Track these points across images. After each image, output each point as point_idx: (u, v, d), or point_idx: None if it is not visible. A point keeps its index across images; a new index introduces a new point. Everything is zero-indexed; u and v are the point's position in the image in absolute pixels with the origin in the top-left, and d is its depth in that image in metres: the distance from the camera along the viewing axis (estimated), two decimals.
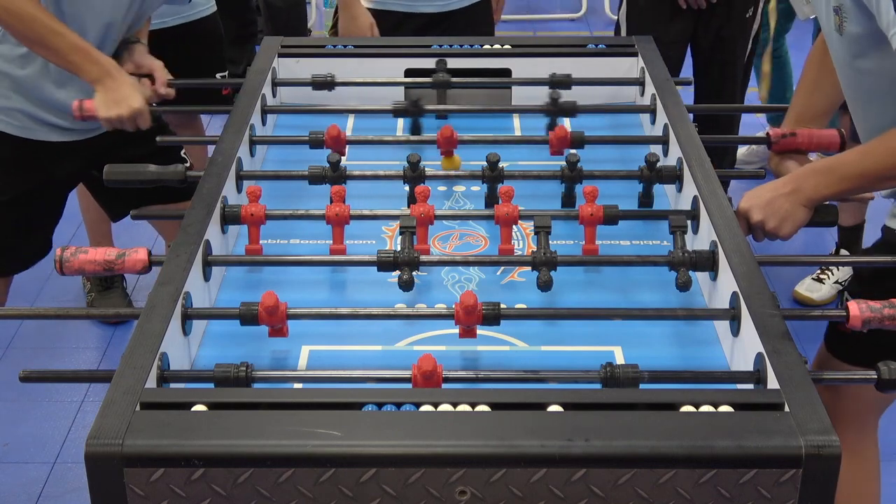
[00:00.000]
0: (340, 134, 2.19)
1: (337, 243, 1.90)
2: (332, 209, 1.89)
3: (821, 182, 1.86)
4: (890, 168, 1.81)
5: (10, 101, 2.42)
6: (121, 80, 2.32)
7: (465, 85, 2.54)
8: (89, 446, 1.31)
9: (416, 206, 1.88)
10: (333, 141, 2.19)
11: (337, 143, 2.19)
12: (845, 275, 3.69)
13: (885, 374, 1.51)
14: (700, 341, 1.74)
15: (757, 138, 2.27)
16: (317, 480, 1.31)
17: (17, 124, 2.44)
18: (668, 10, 3.45)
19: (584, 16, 6.47)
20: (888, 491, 2.27)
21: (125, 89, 2.32)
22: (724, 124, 3.51)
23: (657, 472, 1.31)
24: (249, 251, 1.91)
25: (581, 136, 2.19)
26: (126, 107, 2.31)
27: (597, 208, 1.88)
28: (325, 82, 2.48)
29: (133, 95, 2.32)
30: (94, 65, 2.30)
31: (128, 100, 2.31)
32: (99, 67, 2.30)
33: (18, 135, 2.45)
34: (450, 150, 2.19)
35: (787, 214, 1.86)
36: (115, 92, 2.31)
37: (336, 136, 2.18)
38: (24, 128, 2.45)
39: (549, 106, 2.37)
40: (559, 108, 2.37)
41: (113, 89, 2.31)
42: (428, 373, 1.49)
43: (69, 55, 2.28)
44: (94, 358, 3.38)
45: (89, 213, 3.48)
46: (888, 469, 2.26)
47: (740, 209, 1.88)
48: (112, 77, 2.31)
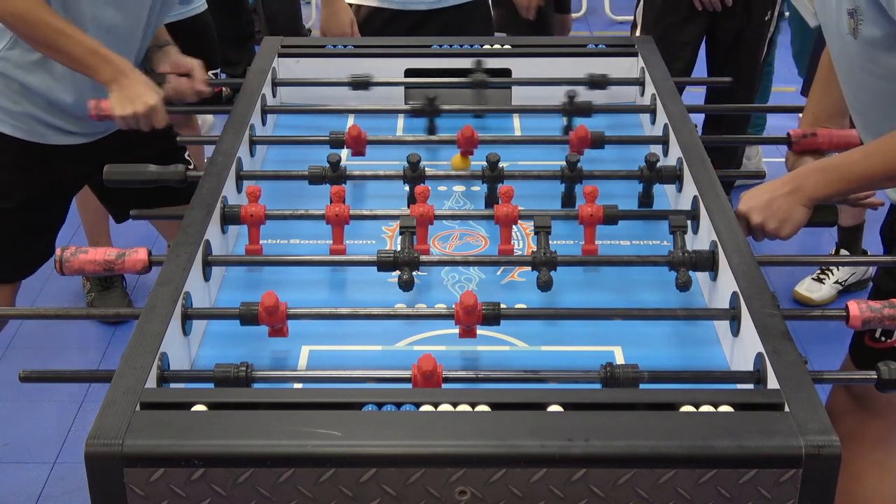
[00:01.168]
0: (361, 134, 2.19)
1: (337, 243, 1.90)
2: (332, 209, 1.89)
3: (821, 181, 1.84)
4: (893, 168, 1.80)
5: (20, 106, 2.42)
6: (135, 78, 2.33)
7: (500, 85, 2.53)
8: (89, 446, 1.31)
9: (415, 206, 1.88)
10: (354, 141, 2.19)
11: (357, 142, 2.19)
12: (845, 275, 3.69)
13: (885, 374, 1.51)
14: (700, 341, 1.74)
15: (776, 138, 2.26)
16: (317, 480, 1.31)
17: (27, 129, 2.44)
18: (684, 10, 3.45)
19: (584, 16, 6.47)
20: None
21: (139, 87, 2.32)
22: (733, 125, 3.51)
23: (657, 472, 1.31)
24: (249, 251, 1.91)
25: (601, 135, 2.19)
26: (141, 104, 2.31)
27: (596, 208, 1.88)
28: (362, 82, 2.48)
29: (148, 93, 2.32)
30: (107, 65, 2.30)
31: (143, 97, 2.32)
32: (113, 67, 2.30)
33: (28, 139, 2.45)
34: (469, 150, 2.19)
35: (786, 215, 1.85)
36: (129, 90, 2.32)
37: (357, 136, 2.18)
38: (34, 132, 2.45)
39: (565, 105, 2.37)
40: (575, 107, 2.37)
41: (127, 87, 2.32)
42: (428, 373, 1.49)
43: (83, 57, 2.29)
44: (94, 358, 3.38)
45: (88, 214, 3.49)
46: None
47: (739, 211, 1.87)
48: (126, 76, 2.32)
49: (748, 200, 1.87)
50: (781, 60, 4.68)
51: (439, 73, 2.58)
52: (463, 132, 2.17)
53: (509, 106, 2.56)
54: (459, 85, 2.53)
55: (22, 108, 2.42)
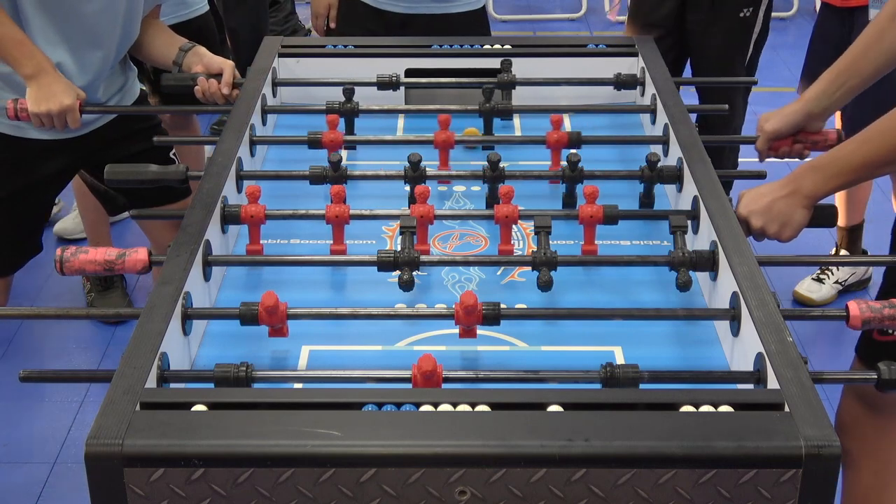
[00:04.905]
0: (337, 136, 2.19)
1: (337, 244, 1.91)
2: (333, 209, 1.89)
3: (818, 179, 1.83)
4: (889, 151, 1.77)
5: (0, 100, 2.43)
6: (55, 77, 2.33)
7: (527, 83, 2.52)
8: (89, 446, 1.31)
9: (416, 206, 1.88)
10: (331, 142, 2.19)
11: (334, 144, 2.19)
12: (845, 275, 3.69)
13: (885, 374, 1.51)
14: (700, 341, 1.74)
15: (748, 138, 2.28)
16: (317, 480, 1.31)
17: (9, 122, 2.44)
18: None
19: (584, 16, 6.48)
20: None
21: (58, 86, 2.32)
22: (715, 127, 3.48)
23: (657, 472, 1.31)
24: (250, 251, 1.91)
25: (578, 135, 2.19)
26: (56, 102, 2.31)
27: (596, 209, 1.88)
28: (389, 83, 2.48)
29: (65, 92, 2.32)
30: (30, 60, 2.30)
31: (58, 96, 2.31)
32: (34, 63, 2.30)
33: (9, 133, 2.46)
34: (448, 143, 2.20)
35: (787, 219, 1.84)
36: (47, 88, 2.32)
37: (332, 140, 2.18)
38: (15, 126, 2.45)
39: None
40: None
41: (46, 85, 2.32)
42: (428, 373, 1.49)
43: (7, 47, 2.28)
44: (94, 358, 3.38)
45: (89, 214, 3.49)
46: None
47: (739, 214, 1.86)
48: (46, 73, 2.32)
49: (747, 204, 1.87)
50: (783, 62, 4.68)
51: (439, 73, 2.58)
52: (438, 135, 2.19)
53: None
54: (459, 85, 2.53)
55: (2, 103, 2.42)
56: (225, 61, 2.51)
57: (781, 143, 2.18)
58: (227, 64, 2.50)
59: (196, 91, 2.48)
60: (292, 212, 1.96)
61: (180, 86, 2.49)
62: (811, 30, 3.61)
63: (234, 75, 2.49)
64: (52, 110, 2.31)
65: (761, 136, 2.17)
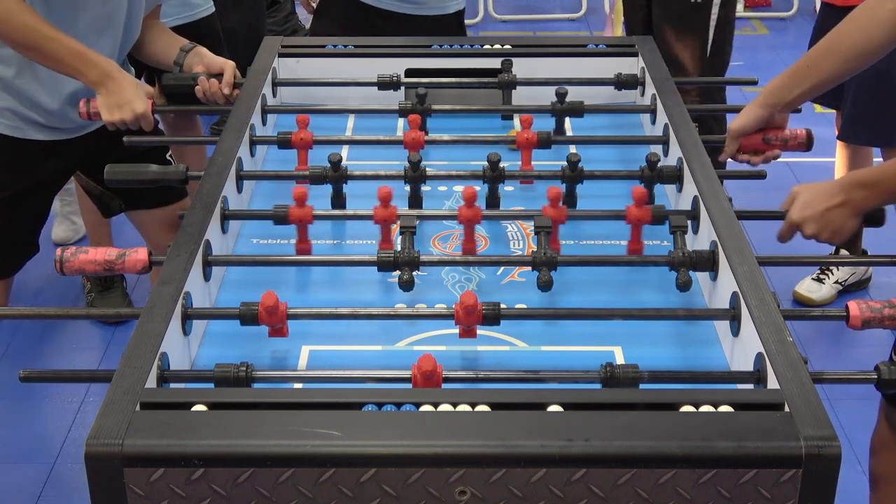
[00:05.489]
0: (307, 135, 2.18)
1: (385, 244, 1.90)
2: (381, 212, 1.87)
3: (868, 196, 1.88)
4: None
5: (1, 101, 2.42)
6: (122, 81, 2.33)
7: (527, 83, 2.52)
8: (89, 446, 1.31)
9: (463, 208, 1.87)
10: (300, 142, 2.18)
11: (303, 143, 2.18)
12: (845, 275, 3.69)
13: (885, 374, 1.51)
14: (700, 341, 1.74)
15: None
16: (317, 480, 1.31)
17: (9, 123, 2.44)
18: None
19: (584, 16, 6.48)
20: None
21: (128, 92, 2.32)
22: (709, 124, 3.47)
23: (657, 472, 1.31)
24: (299, 250, 1.90)
25: (548, 136, 2.18)
26: (129, 111, 2.32)
27: (644, 210, 1.87)
28: (390, 83, 2.47)
29: (136, 99, 2.33)
30: (93, 67, 2.30)
31: (131, 104, 2.32)
32: (98, 69, 2.31)
33: (9, 134, 2.46)
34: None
35: (839, 227, 1.88)
36: (117, 95, 2.32)
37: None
38: (15, 127, 2.45)
39: (555, 105, 2.37)
40: (566, 107, 2.37)
41: (115, 92, 2.32)
42: (428, 373, 1.49)
43: (69, 61, 2.29)
44: (94, 358, 3.38)
45: (89, 214, 3.49)
46: None
47: (794, 220, 1.89)
48: (113, 79, 2.32)
49: (801, 210, 1.89)
50: (783, 62, 4.68)
51: (439, 73, 2.58)
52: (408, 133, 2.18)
53: (509, 106, 2.55)
54: (459, 85, 2.53)
55: (2, 104, 2.42)
56: (226, 61, 2.51)
57: (750, 140, 2.16)
58: (227, 64, 2.50)
59: (197, 91, 2.48)
60: (341, 213, 1.98)
61: (181, 85, 2.49)
62: (811, 30, 3.60)
63: (234, 75, 2.49)
64: (125, 119, 2.33)
65: (728, 135, 2.17)
